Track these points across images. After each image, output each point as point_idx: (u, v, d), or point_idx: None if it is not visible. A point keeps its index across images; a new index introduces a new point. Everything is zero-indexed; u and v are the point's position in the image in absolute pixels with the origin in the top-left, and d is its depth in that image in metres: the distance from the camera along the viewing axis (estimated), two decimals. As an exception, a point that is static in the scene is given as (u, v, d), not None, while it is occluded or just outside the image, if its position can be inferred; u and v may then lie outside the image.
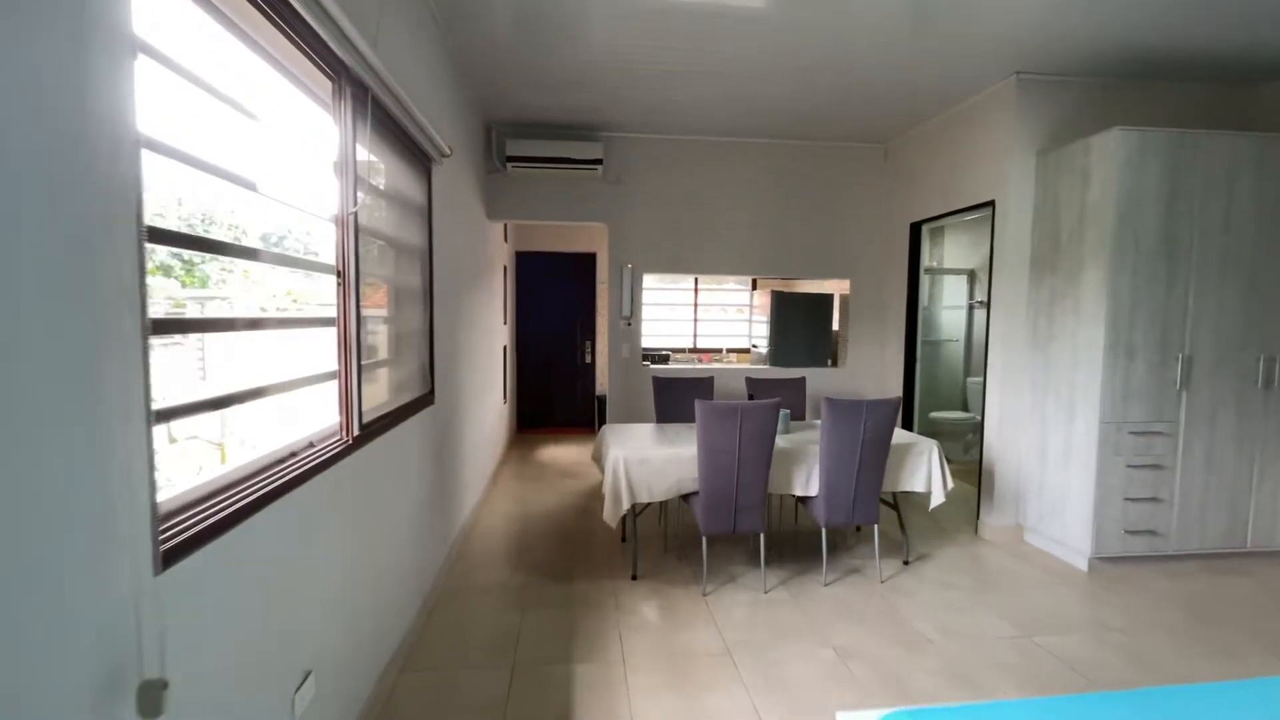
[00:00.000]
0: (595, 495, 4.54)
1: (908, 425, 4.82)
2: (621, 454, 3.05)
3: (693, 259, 4.98)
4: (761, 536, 3.10)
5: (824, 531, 3.19)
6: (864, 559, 3.43)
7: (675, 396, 3.98)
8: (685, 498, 3.17)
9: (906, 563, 3.38)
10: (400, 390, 2.47)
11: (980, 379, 5.82)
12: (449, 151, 2.89)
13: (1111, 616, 2.79)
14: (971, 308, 6.02)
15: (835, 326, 5.39)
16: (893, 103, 4.09)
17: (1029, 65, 3.49)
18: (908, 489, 3.34)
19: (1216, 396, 3.25)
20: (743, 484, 2.98)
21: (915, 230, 4.71)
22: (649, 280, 4.93)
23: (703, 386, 4.02)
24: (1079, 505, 3.30)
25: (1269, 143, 3.23)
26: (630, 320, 4.92)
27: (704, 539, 3.05)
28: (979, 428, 5.84)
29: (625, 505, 3.02)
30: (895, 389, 4.91)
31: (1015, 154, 3.62)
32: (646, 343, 5.52)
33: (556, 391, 6.89)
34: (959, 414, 5.81)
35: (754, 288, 7.30)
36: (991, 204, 3.80)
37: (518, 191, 4.77)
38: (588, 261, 6.86)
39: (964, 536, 3.82)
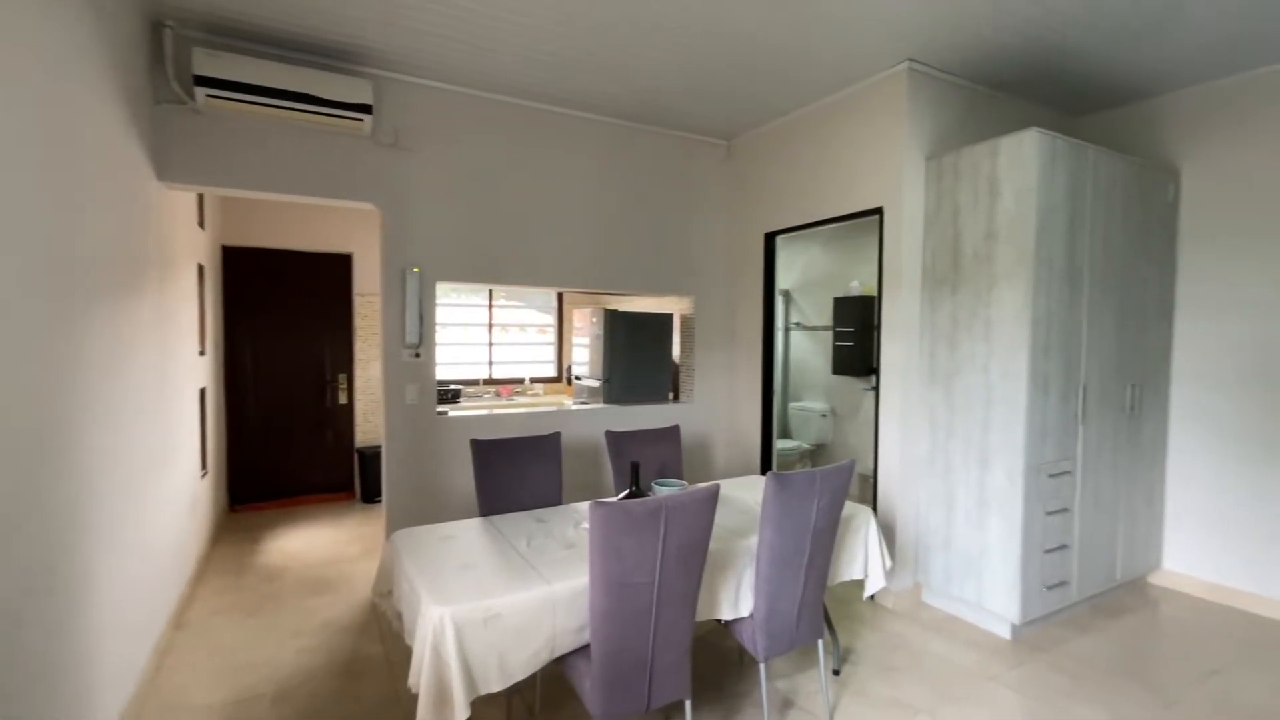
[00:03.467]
0: (370, 630, 2.89)
1: (766, 462, 4.13)
2: (447, 611, 1.62)
3: (507, 265, 3.64)
4: (687, 706, 1.94)
5: (763, 671, 2.16)
6: (786, 676, 2.50)
7: (506, 466, 2.61)
8: (562, 659, 1.86)
9: (836, 672, 2.54)
10: None
11: (801, 404, 5.55)
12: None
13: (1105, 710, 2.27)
14: (789, 330, 5.72)
15: (676, 353, 4.54)
16: (747, 84, 3.34)
17: (922, 54, 3.00)
18: (846, 579, 2.50)
19: (1102, 427, 3.08)
20: (663, 630, 1.79)
21: (770, 242, 4.06)
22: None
23: (544, 450, 2.72)
24: (1001, 564, 2.83)
25: (1142, 168, 3.19)
26: (420, 350, 3.37)
27: (599, 732, 1.78)
28: (807, 455, 5.56)
29: (462, 710, 1.59)
30: (751, 427, 4.20)
31: (907, 155, 3.11)
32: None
33: (293, 448, 4.83)
34: (787, 443, 5.41)
35: (561, 302, 6.15)
36: (879, 212, 3.25)
37: (221, 141, 2.91)
38: (339, 265, 4.98)
39: (860, 607, 3.16)
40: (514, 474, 2.61)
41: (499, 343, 5.92)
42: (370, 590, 2.65)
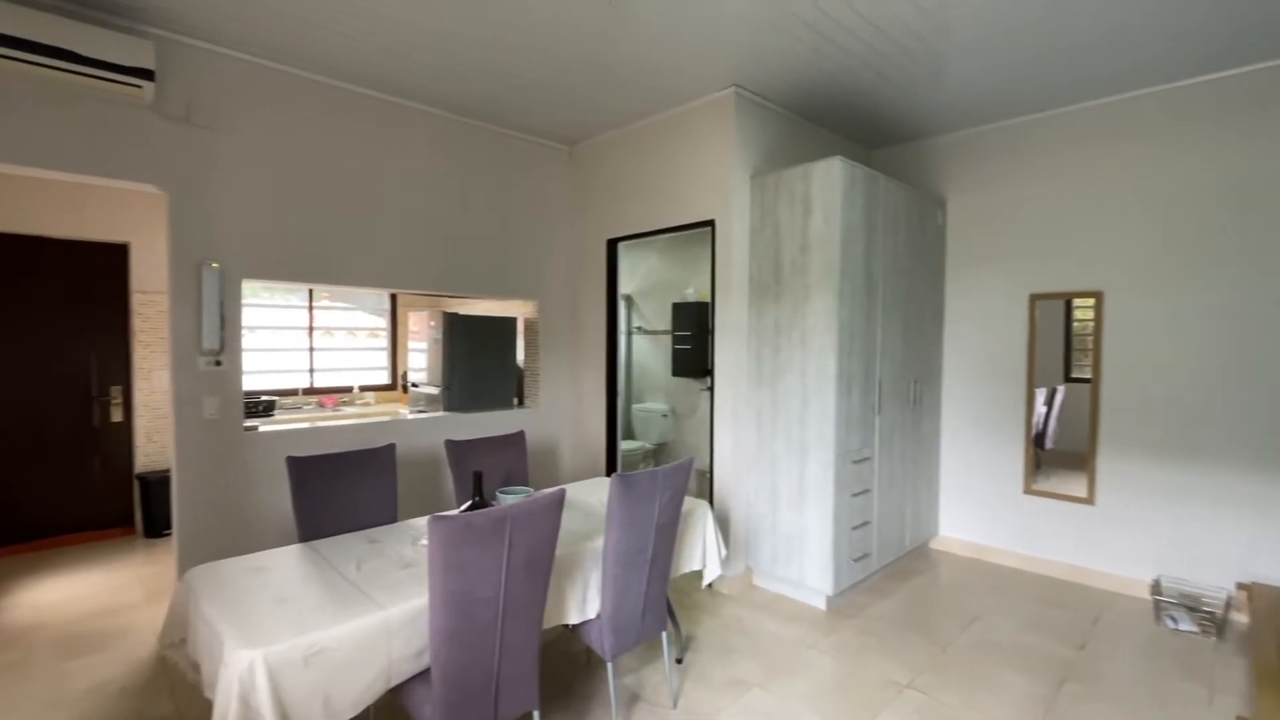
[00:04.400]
0: (157, 688, 2.45)
1: (611, 463, 4.22)
2: (257, 654, 1.43)
3: (330, 263, 3.31)
4: (536, 717, 1.91)
5: (610, 670, 2.19)
6: (633, 671, 2.57)
7: (330, 485, 2.38)
8: (398, 688, 1.73)
9: (680, 661, 2.67)
10: None
11: (644, 405, 5.76)
12: None
13: (923, 662, 2.63)
14: (631, 333, 5.91)
15: (520, 357, 4.45)
16: (590, 92, 3.42)
17: (747, 81, 3.27)
18: (687, 570, 2.63)
19: (893, 418, 3.58)
20: (510, 643, 1.75)
21: (612, 248, 4.16)
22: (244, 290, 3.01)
23: (376, 464, 2.52)
24: (817, 543, 3.17)
25: (920, 197, 3.75)
26: (222, 357, 2.94)
27: (441, 760, 1.68)
28: (651, 455, 5.77)
29: (276, 764, 1.41)
30: (597, 429, 4.26)
31: (735, 173, 3.37)
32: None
33: (45, 478, 3.96)
34: (631, 443, 5.58)
35: (395, 305, 5.74)
36: (711, 224, 3.48)
37: (-71, 96, 2.30)
38: (112, 257, 4.18)
39: (700, 596, 3.36)
40: (341, 493, 2.38)
41: (323, 348, 5.37)
42: (157, 641, 2.25)
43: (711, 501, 3.48)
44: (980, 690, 2.48)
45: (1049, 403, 3.81)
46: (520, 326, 4.45)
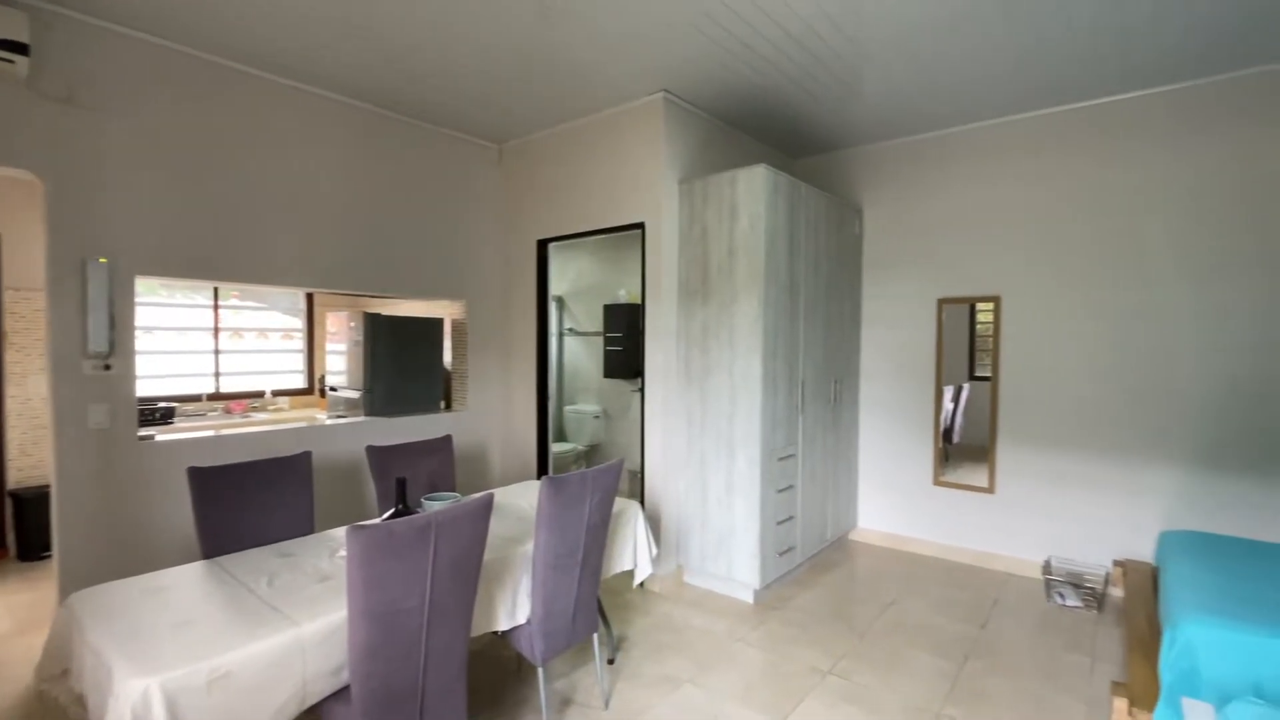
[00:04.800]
0: (36, 721, 2.22)
1: (543, 466, 4.18)
2: (153, 682, 1.32)
3: (237, 260, 3.10)
4: (463, 728, 1.86)
5: (541, 675, 2.17)
6: (564, 675, 2.56)
7: (238, 496, 2.23)
8: (314, 708, 1.65)
9: (611, 661, 2.67)
10: None
11: (576, 406, 5.74)
12: None
13: (846, 649, 2.74)
14: (562, 335, 5.88)
15: (448, 359, 4.32)
16: (521, 90, 3.38)
17: (675, 87, 3.33)
18: (618, 570, 2.64)
19: (815, 416, 3.74)
20: (435, 654, 1.70)
21: (542, 249, 4.12)
22: (140, 288, 2.75)
23: (290, 473, 2.39)
24: (745, 539, 3.27)
25: (839, 205, 3.92)
26: (112, 361, 2.69)
27: (362, 780, 1.61)
28: (583, 456, 5.75)
29: (175, 800, 1.31)
30: (528, 432, 4.20)
31: (665, 177, 3.41)
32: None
33: (-105, 498, 3.49)
34: (563, 445, 5.55)
35: (311, 305, 5.45)
36: (641, 226, 3.51)
37: None
38: (-22, 249, 3.74)
39: (631, 595, 3.38)
40: (250, 505, 2.23)
41: (231, 350, 5.02)
42: (34, 675, 2.02)
43: (643, 501, 3.51)
44: (895, 671, 2.62)
45: (955, 400, 4.09)
46: (448, 328, 4.33)
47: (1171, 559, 2.67)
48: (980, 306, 3.89)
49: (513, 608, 2.11)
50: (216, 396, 4.87)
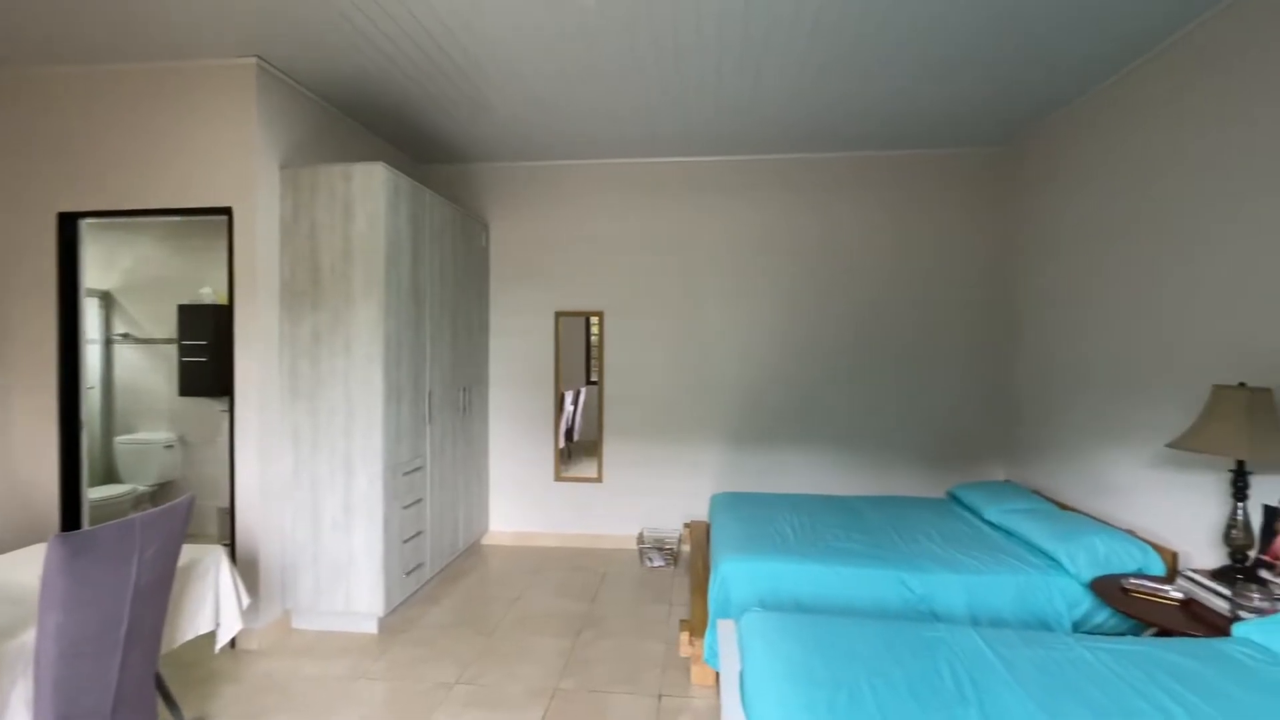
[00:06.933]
0: None
1: (73, 520, 3.09)
2: None
3: None
4: None
5: (55, 805, 1.57)
6: (105, 796, 1.92)
7: None
8: None
9: (182, 753, 2.13)
10: None
11: (135, 436, 4.44)
12: None
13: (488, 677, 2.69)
14: (111, 342, 4.50)
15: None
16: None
17: (274, 56, 2.88)
18: (192, 636, 2.11)
19: (445, 425, 3.70)
20: None
21: (70, 225, 3.05)
22: None
23: None
24: (367, 563, 3.01)
25: (466, 216, 3.95)
26: None
27: None
28: (147, 499, 4.46)
29: None
30: (45, 477, 3.03)
31: (260, 157, 2.91)
32: None
33: None
34: (114, 489, 4.24)
35: None
36: (228, 212, 2.92)
37: None
38: None
39: (216, 663, 2.76)
40: None
41: None
42: None
43: (233, 543, 2.91)
44: (519, 661, 2.77)
45: (575, 402, 4.59)
46: None
47: (716, 515, 3.51)
48: (594, 319, 4.46)
49: (-3, 729, 1.48)
50: None
